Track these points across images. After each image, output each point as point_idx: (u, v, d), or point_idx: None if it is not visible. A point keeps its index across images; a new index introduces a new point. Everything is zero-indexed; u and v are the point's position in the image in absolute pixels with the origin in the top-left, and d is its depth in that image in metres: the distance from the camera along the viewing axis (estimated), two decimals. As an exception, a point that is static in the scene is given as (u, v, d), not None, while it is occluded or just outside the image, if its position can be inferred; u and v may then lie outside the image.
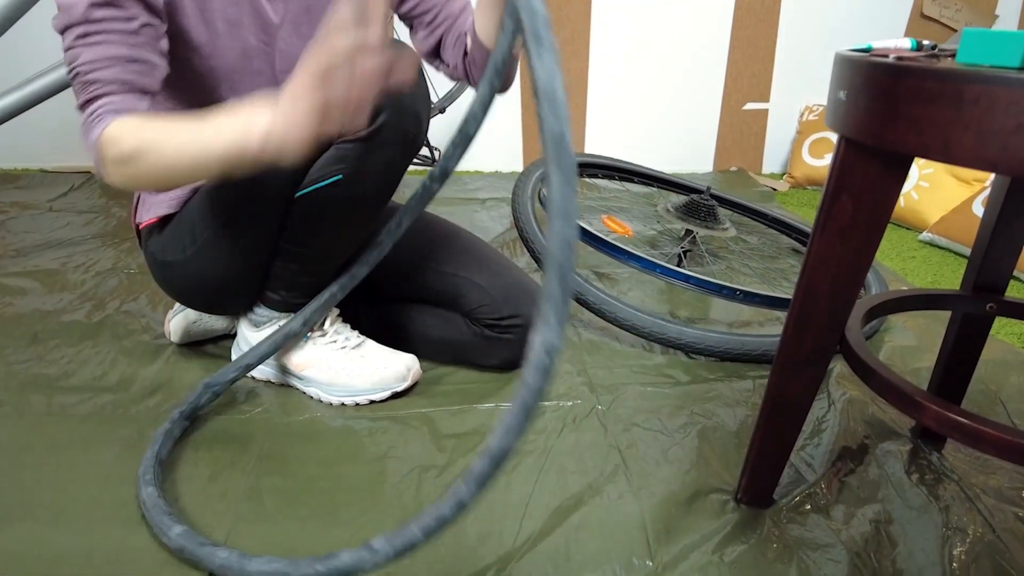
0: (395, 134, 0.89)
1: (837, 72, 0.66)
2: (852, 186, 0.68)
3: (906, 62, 0.56)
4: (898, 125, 0.57)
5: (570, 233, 0.51)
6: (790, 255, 1.79)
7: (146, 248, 1.07)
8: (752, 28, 2.46)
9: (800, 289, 0.77)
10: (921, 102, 0.54)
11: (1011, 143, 0.50)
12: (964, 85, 0.51)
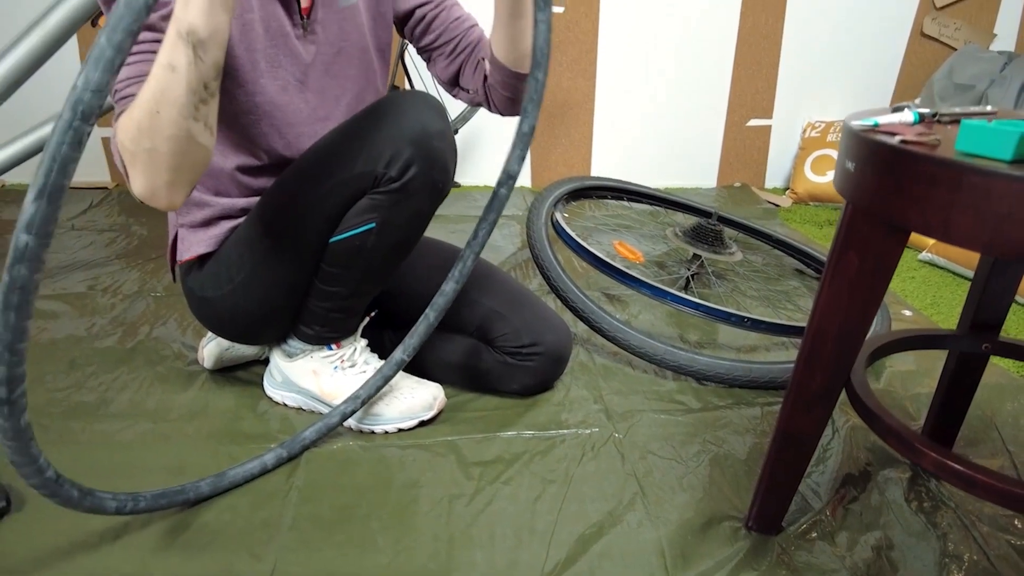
0: (424, 185, 0.95)
1: (845, 143, 0.72)
2: (858, 244, 0.74)
3: (910, 146, 0.62)
4: (901, 202, 0.63)
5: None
6: (793, 276, 1.84)
7: (185, 283, 1.12)
8: (755, 46, 2.51)
9: (810, 333, 0.83)
10: (923, 185, 0.60)
11: (1003, 229, 0.55)
12: (963, 174, 0.57)
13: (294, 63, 1.00)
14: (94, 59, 0.53)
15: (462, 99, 1.13)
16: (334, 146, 0.97)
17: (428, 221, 1.01)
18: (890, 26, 2.56)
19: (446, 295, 1.00)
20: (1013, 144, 0.56)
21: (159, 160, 0.80)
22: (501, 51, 1.00)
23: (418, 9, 1.06)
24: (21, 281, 0.56)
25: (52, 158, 0.54)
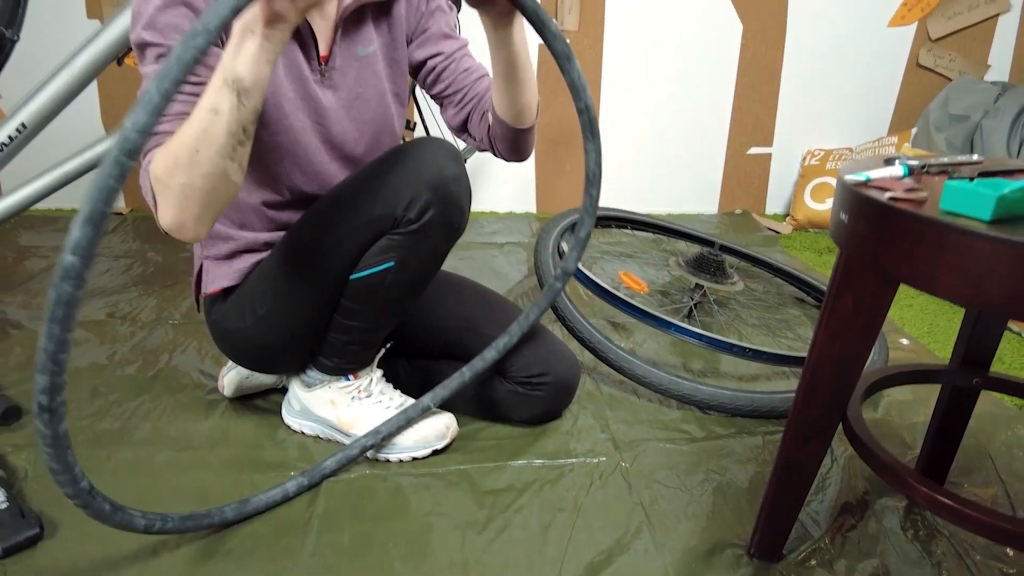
0: (441, 226, 1.00)
1: (839, 195, 0.77)
2: (853, 289, 0.79)
3: (899, 203, 0.67)
4: (891, 255, 0.68)
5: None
6: (793, 304, 1.89)
7: (209, 315, 1.17)
8: (755, 77, 2.58)
9: (808, 369, 0.87)
10: (911, 241, 0.65)
11: (984, 285, 0.60)
12: (946, 233, 0.62)
13: (314, 107, 1.05)
14: (143, 104, 0.59)
15: (469, 144, 1.19)
16: (356, 188, 1.02)
17: (444, 259, 1.06)
18: (887, 57, 2.62)
19: (486, 361, 1.10)
20: (991, 206, 0.61)
21: (191, 195, 0.85)
22: (500, 108, 1.06)
23: (430, 60, 1.12)
24: (66, 297, 0.62)
25: (99, 189, 0.60)
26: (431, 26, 1.11)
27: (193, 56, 0.60)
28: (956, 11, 2.58)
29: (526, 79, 1.02)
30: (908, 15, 2.58)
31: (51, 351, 0.64)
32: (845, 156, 2.56)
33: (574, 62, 0.92)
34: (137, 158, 0.61)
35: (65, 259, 0.61)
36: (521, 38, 0.98)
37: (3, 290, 1.83)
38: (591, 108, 0.95)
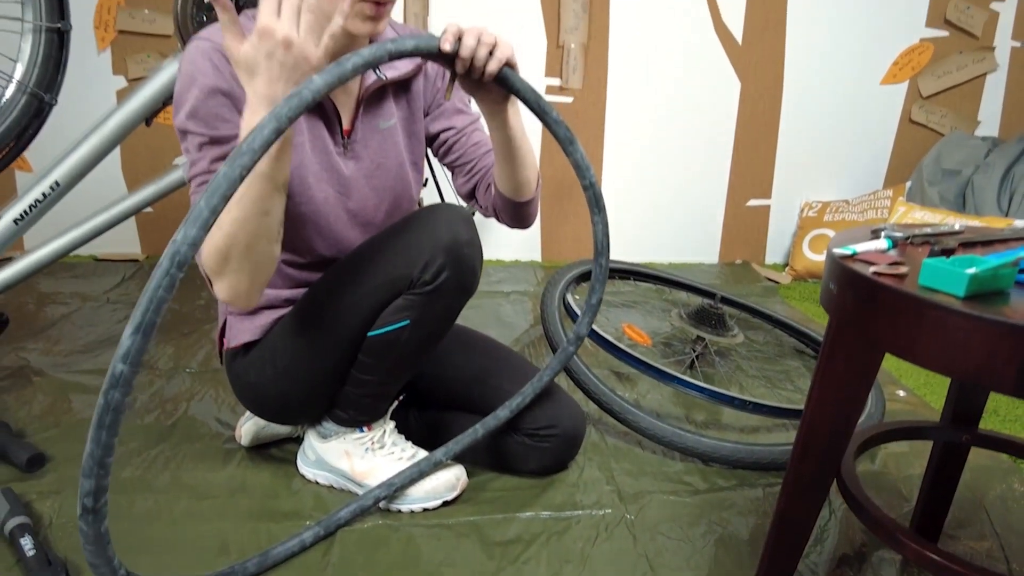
0: (454, 287, 1.06)
1: (829, 267, 0.82)
2: (843, 354, 0.84)
3: (882, 278, 0.72)
4: (875, 325, 0.73)
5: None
6: (793, 356, 1.94)
7: (230, 368, 1.22)
8: (754, 132, 2.67)
9: (803, 428, 0.92)
10: (893, 314, 0.70)
11: (959, 357, 0.65)
12: (924, 308, 0.67)
13: (337, 178, 1.12)
14: (193, 219, 0.64)
15: (477, 210, 1.26)
16: (375, 251, 1.09)
17: (456, 317, 1.12)
18: (881, 113, 2.72)
19: (499, 420, 1.16)
20: (965, 284, 0.67)
21: (244, 277, 0.95)
22: (500, 183, 1.14)
23: (443, 133, 1.20)
24: (115, 404, 0.64)
25: (149, 299, 0.64)
26: (445, 101, 1.19)
27: (240, 174, 0.65)
28: (945, 70, 2.68)
29: (523, 158, 1.10)
30: (899, 74, 2.69)
31: (98, 456, 0.65)
32: (842, 208, 2.64)
33: (576, 145, 1.00)
34: (184, 269, 0.64)
35: (116, 367, 0.63)
36: (517, 121, 1.06)
37: (25, 337, 1.88)
38: (595, 185, 1.02)
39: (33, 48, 1.47)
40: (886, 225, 0.92)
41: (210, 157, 0.99)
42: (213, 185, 0.64)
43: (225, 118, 0.99)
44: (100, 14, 2.41)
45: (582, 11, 2.47)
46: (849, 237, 0.89)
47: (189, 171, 1.01)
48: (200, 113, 0.97)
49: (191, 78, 0.98)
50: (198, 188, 1.01)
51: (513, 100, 1.03)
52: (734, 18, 2.55)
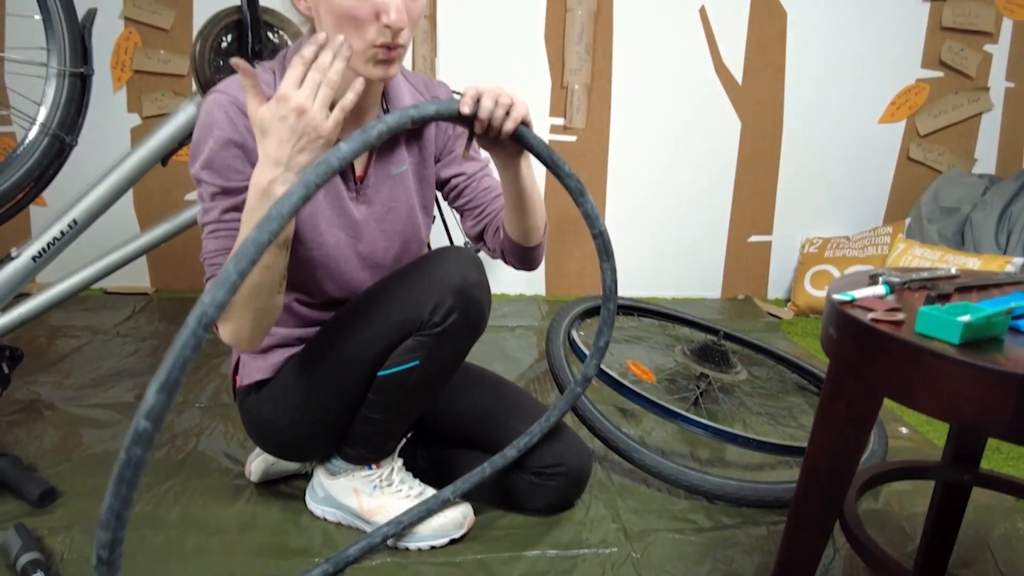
0: (463, 328, 1.09)
1: (828, 312, 0.85)
2: (843, 396, 0.86)
3: (879, 325, 0.75)
4: (873, 371, 0.75)
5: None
6: (796, 392, 1.95)
7: (242, 405, 1.24)
8: (754, 170, 2.72)
9: (804, 469, 0.94)
10: (890, 360, 0.73)
11: (954, 403, 0.68)
12: (919, 355, 0.70)
13: (348, 222, 1.16)
14: (221, 282, 0.65)
15: (484, 252, 1.29)
16: (386, 293, 1.11)
17: (465, 357, 1.14)
18: (879, 151, 2.77)
19: (506, 459, 1.17)
20: (959, 331, 0.69)
21: (246, 325, 1.00)
22: (509, 229, 1.18)
23: (454, 179, 1.24)
24: (136, 459, 0.64)
25: (176, 359, 0.63)
26: (456, 148, 1.23)
27: (268, 239, 0.68)
28: (941, 109, 2.74)
29: (533, 206, 1.14)
30: (897, 113, 2.74)
31: (116, 509, 0.65)
32: (842, 244, 2.67)
33: (587, 196, 1.03)
34: (210, 330, 0.66)
35: (139, 424, 0.63)
36: (529, 173, 1.11)
37: (37, 370, 1.91)
38: (605, 233, 1.06)
39: (57, 92, 1.51)
40: (884, 270, 0.95)
41: (222, 207, 1.03)
42: (242, 250, 0.67)
43: (238, 169, 1.03)
44: (118, 55, 2.48)
45: (585, 53, 2.54)
46: (848, 282, 0.91)
47: (202, 217, 1.05)
48: (215, 164, 1.01)
49: (208, 129, 1.02)
50: (209, 235, 1.04)
51: (526, 154, 1.07)
52: (734, 59, 2.61)
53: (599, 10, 2.52)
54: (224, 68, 1.58)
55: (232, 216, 1.04)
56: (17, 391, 1.76)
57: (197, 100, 1.62)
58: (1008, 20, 2.66)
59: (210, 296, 0.64)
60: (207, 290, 0.65)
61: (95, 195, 1.58)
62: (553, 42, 2.54)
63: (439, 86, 1.24)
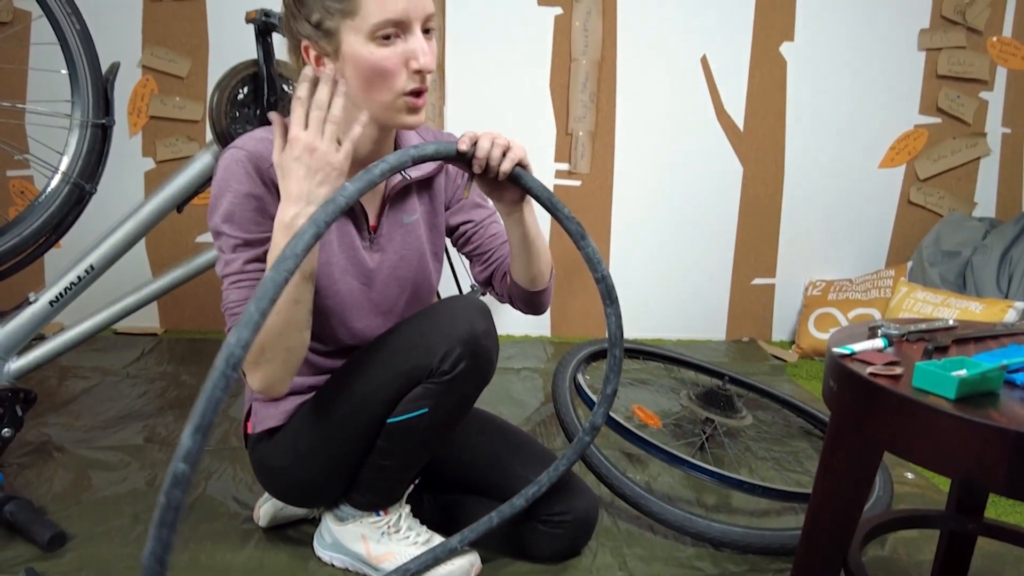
0: (472, 375, 1.11)
1: (828, 365, 0.87)
2: (844, 447, 0.88)
3: (878, 379, 0.77)
4: (873, 424, 0.77)
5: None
6: (801, 436, 1.96)
7: (253, 452, 1.26)
8: (757, 214, 2.76)
9: (808, 520, 0.95)
10: (889, 414, 0.75)
11: (952, 456, 0.69)
12: (917, 410, 0.72)
13: (361, 270, 1.19)
14: (245, 322, 0.68)
15: (492, 296, 1.33)
16: (395, 341, 1.14)
17: (473, 405, 1.16)
18: (880, 195, 2.80)
19: (515, 508, 1.18)
20: (955, 387, 0.71)
21: (278, 366, 1.02)
22: (516, 274, 1.22)
23: (462, 225, 1.28)
24: (176, 503, 0.64)
25: (208, 400, 0.65)
26: (465, 197, 1.27)
27: (285, 277, 0.71)
28: (940, 154, 2.78)
29: (538, 252, 1.17)
30: (896, 158, 2.79)
31: (159, 554, 0.66)
32: (845, 287, 2.70)
33: (588, 239, 1.06)
34: (239, 369, 0.68)
35: (177, 467, 0.64)
36: (532, 219, 1.14)
37: (47, 412, 1.93)
38: (608, 277, 1.08)
39: (79, 142, 1.57)
40: (883, 322, 0.97)
41: (244, 259, 1.07)
42: (261, 290, 0.70)
43: (257, 222, 1.06)
44: (134, 101, 2.56)
45: (589, 101, 2.61)
46: (848, 335, 0.94)
47: (223, 269, 1.08)
48: (235, 217, 1.05)
49: (226, 184, 1.06)
50: (231, 286, 1.07)
51: (528, 200, 1.10)
52: (735, 106, 2.68)
53: (603, 60, 2.60)
54: (240, 119, 1.63)
55: (254, 267, 1.07)
56: (28, 432, 1.77)
57: (213, 149, 1.68)
58: (1002, 68, 2.72)
59: (235, 336, 0.67)
60: (232, 331, 0.68)
61: (112, 241, 1.62)
62: (558, 91, 2.61)
63: (448, 137, 1.29)
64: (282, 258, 0.72)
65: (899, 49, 2.69)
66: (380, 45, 0.99)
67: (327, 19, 1.01)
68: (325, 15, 1.00)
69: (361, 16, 0.98)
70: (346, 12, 0.99)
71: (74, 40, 1.52)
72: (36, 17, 2.33)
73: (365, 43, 0.99)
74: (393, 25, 0.99)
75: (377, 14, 0.98)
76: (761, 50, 2.65)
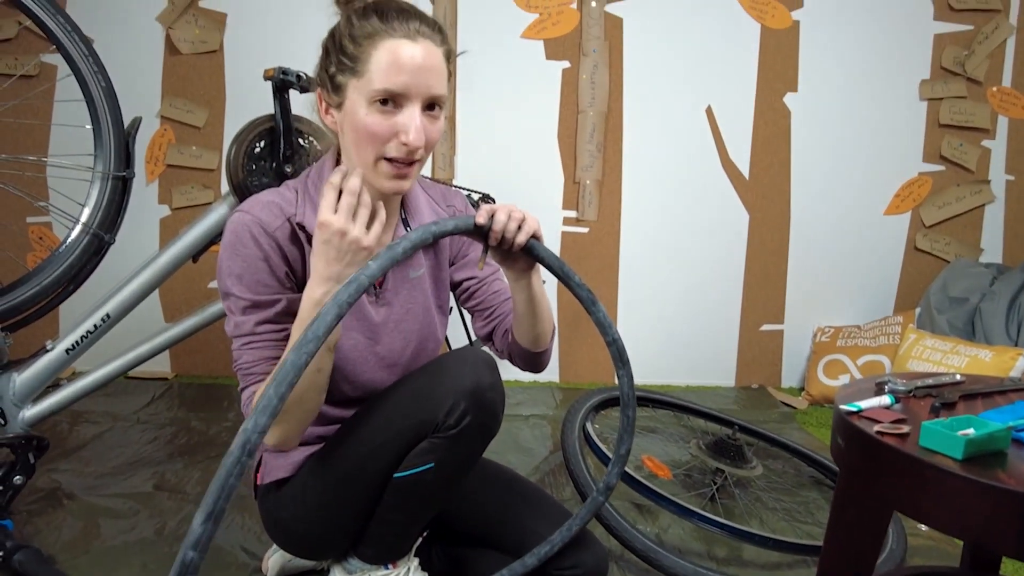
0: (477, 431, 1.11)
1: (836, 422, 0.88)
2: (854, 505, 0.88)
3: (885, 438, 0.78)
4: (881, 484, 0.78)
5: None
6: (812, 486, 1.94)
7: (263, 503, 1.26)
8: (764, 261, 2.78)
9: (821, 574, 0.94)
10: (896, 473, 0.75)
11: (960, 518, 0.70)
12: (924, 470, 0.72)
13: (367, 325, 1.20)
14: (262, 408, 0.68)
15: (492, 352, 1.34)
16: (401, 395, 1.15)
17: (479, 458, 1.17)
18: (886, 241, 2.82)
19: (526, 566, 1.17)
20: (962, 447, 0.72)
21: (294, 426, 1.05)
22: (519, 335, 1.24)
23: (465, 281, 1.31)
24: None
25: (221, 487, 0.65)
26: (469, 252, 1.30)
27: (305, 361, 0.72)
28: (945, 201, 2.81)
29: (542, 314, 1.20)
30: (901, 205, 2.81)
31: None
32: (854, 334, 2.69)
33: (598, 305, 1.08)
34: (254, 456, 0.68)
35: (187, 555, 0.64)
36: (539, 284, 1.17)
37: (58, 457, 1.94)
38: (619, 340, 1.10)
39: (99, 194, 1.61)
40: (889, 377, 0.98)
41: (255, 320, 1.09)
42: (281, 374, 0.71)
43: (266, 283, 1.09)
44: (152, 150, 2.62)
45: (596, 151, 2.66)
46: (855, 391, 0.94)
47: (234, 330, 1.10)
48: (244, 279, 1.08)
49: (234, 248, 1.09)
50: (243, 347, 1.10)
51: (537, 267, 1.13)
52: (740, 155, 2.72)
53: (609, 111, 2.65)
54: (256, 172, 1.68)
55: (265, 328, 1.09)
56: (39, 478, 1.78)
57: (229, 200, 1.72)
58: (1003, 117, 2.76)
59: (252, 422, 0.67)
60: (250, 416, 0.69)
61: (128, 290, 1.65)
62: (566, 140, 2.67)
63: (455, 195, 1.32)
64: (304, 341, 0.74)
65: (901, 99, 2.74)
66: (376, 111, 1.03)
67: (339, 74, 1.05)
68: (339, 70, 1.05)
69: (366, 79, 1.02)
70: (355, 72, 1.03)
71: (99, 97, 1.57)
72: (62, 77, 2.43)
73: (364, 105, 1.03)
74: (391, 96, 1.03)
75: (379, 81, 1.01)
76: (765, 101, 2.70)
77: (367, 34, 1.03)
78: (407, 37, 1.02)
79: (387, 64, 1.01)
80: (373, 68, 1.02)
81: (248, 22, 2.57)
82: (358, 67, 1.03)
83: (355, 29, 1.04)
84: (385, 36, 1.02)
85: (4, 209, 2.60)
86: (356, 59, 1.03)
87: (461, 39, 2.58)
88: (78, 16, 1.67)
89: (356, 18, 1.05)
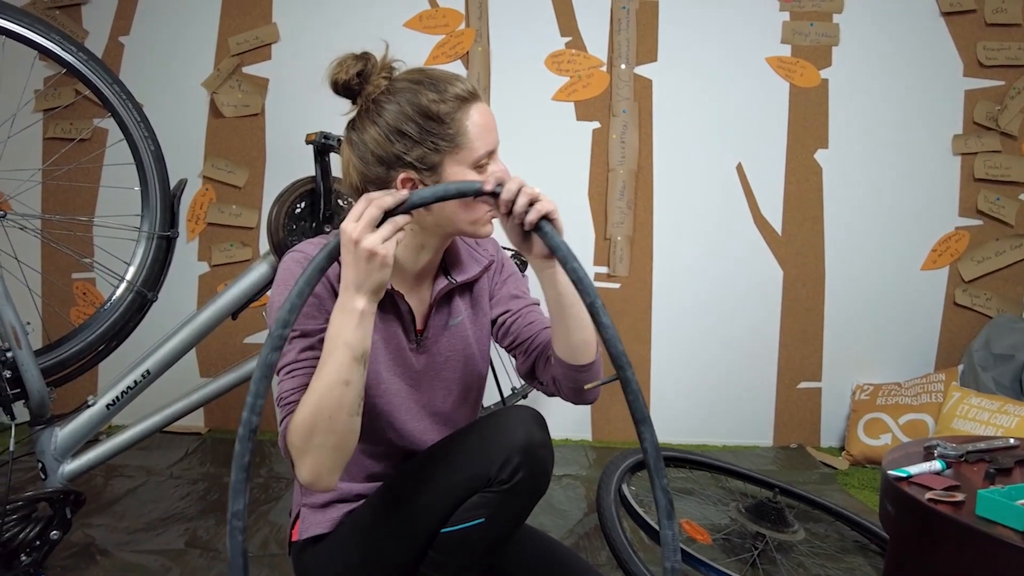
0: (529, 488, 1.10)
1: (884, 488, 0.85)
2: (909, 574, 0.84)
3: (938, 506, 0.75)
4: (935, 552, 0.75)
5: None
6: (857, 552, 1.86)
7: (298, 560, 1.25)
8: (800, 317, 2.74)
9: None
10: (951, 545, 0.72)
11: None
12: (981, 542, 0.69)
13: (408, 372, 1.21)
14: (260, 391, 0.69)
15: (539, 390, 1.32)
16: (452, 450, 1.14)
17: (527, 516, 1.15)
18: (925, 297, 2.77)
19: None
20: (1023, 518, 0.69)
21: (327, 453, 1.01)
22: (556, 347, 1.19)
23: (500, 316, 1.30)
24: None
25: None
26: (503, 290, 1.30)
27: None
28: (984, 255, 2.76)
29: (576, 316, 1.14)
30: (939, 260, 2.77)
31: None
32: (894, 391, 2.62)
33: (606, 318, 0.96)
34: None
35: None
36: (566, 279, 1.10)
37: (93, 512, 1.95)
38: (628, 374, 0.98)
39: (145, 252, 1.66)
40: (939, 441, 0.95)
41: (299, 347, 1.10)
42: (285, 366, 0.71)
43: (313, 316, 1.11)
44: (194, 209, 2.71)
45: (627, 208, 2.68)
46: (903, 455, 0.92)
47: (279, 361, 1.11)
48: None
49: (285, 282, 1.12)
50: (286, 376, 1.11)
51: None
52: (772, 211, 2.72)
53: (639, 168, 2.69)
54: (296, 231, 1.72)
55: (307, 355, 1.11)
56: (73, 533, 1.79)
57: (270, 259, 1.76)
58: (1041, 171, 2.73)
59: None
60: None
61: (169, 347, 1.68)
62: (596, 198, 2.70)
63: (488, 241, 1.33)
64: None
65: (933, 154, 2.73)
66: (480, 171, 1.11)
67: (434, 153, 1.09)
68: (429, 152, 1.09)
69: (467, 150, 1.09)
70: (453, 145, 1.09)
71: (149, 160, 1.64)
72: (113, 142, 2.54)
73: (470, 171, 1.10)
74: (489, 155, 1.12)
75: (482, 148, 1.10)
76: (796, 157, 2.71)
77: (451, 110, 1.09)
78: (474, 99, 1.12)
79: (480, 128, 1.10)
80: (472, 137, 1.09)
81: (289, 87, 2.68)
82: (457, 141, 1.09)
83: (434, 107, 1.08)
84: (464, 105, 1.10)
85: (51, 266, 2.69)
86: (451, 136, 1.09)
87: (494, 101, 2.65)
88: (128, 81, 1.75)
89: (424, 99, 1.08)
